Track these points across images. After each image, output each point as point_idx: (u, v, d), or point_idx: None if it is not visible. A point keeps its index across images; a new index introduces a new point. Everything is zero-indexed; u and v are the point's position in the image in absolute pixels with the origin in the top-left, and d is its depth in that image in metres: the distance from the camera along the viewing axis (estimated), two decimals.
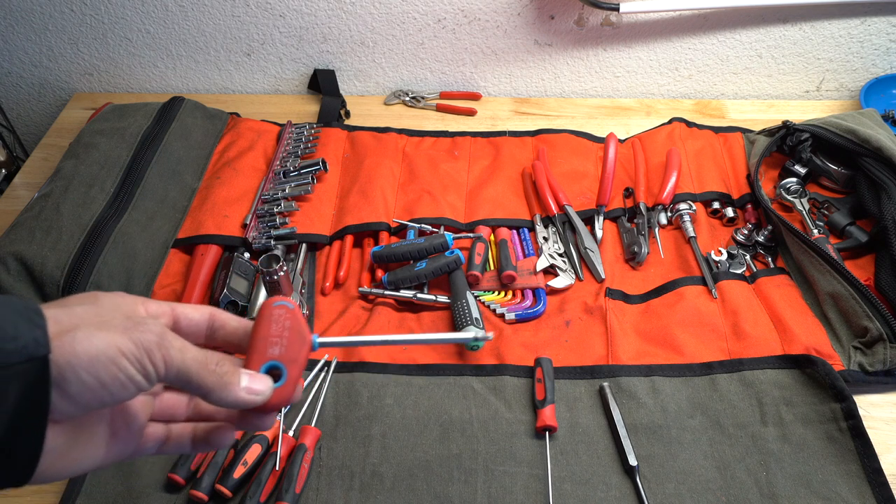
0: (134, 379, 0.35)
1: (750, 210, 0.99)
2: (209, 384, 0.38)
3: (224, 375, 0.39)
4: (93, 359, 0.34)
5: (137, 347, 0.35)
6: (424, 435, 0.75)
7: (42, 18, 1.19)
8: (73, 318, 0.35)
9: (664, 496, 0.70)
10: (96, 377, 0.34)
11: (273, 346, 0.43)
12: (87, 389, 0.34)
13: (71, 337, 0.34)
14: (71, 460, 0.38)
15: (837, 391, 0.75)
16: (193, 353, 0.38)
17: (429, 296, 0.88)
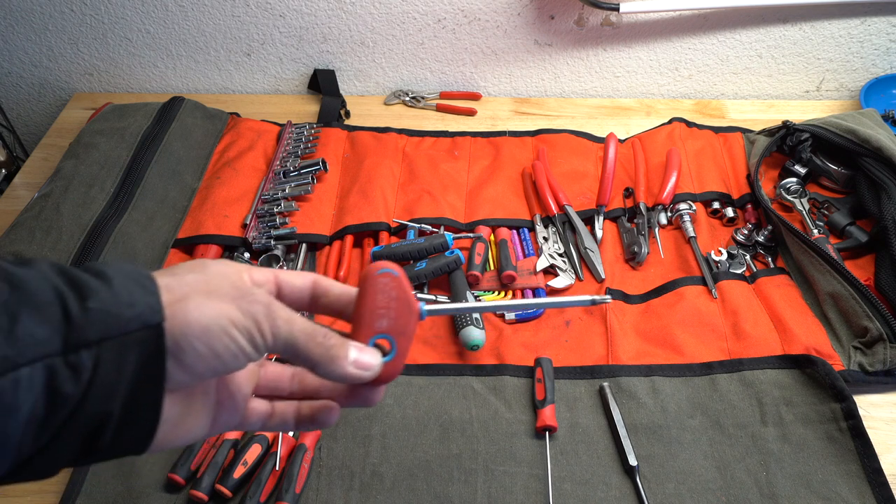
0: (244, 349, 0.35)
1: (750, 210, 0.99)
2: (316, 357, 0.38)
3: (331, 349, 0.38)
4: (205, 328, 0.34)
5: (246, 318, 0.35)
6: (424, 435, 0.75)
7: (42, 18, 1.19)
8: (183, 287, 0.35)
9: (664, 496, 0.70)
10: (209, 346, 0.34)
11: (380, 317, 0.41)
12: (200, 359, 0.34)
13: (183, 306, 0.34)
14: (183, 430, 0.38)
15: (837, 391, 0.75)
16: (301, 325, 0.38)
17: (429, 296, 0.88)
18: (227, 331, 0.35)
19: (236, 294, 0.36)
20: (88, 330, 0.31)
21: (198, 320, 0.34)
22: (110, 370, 0.32)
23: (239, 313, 0.35)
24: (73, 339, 0.31)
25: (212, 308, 0.35)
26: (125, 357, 0.32)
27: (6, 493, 0.72)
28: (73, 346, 0.31)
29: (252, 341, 0.36)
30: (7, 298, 0.29)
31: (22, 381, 0.29)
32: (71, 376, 0.31)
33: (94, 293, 0.32)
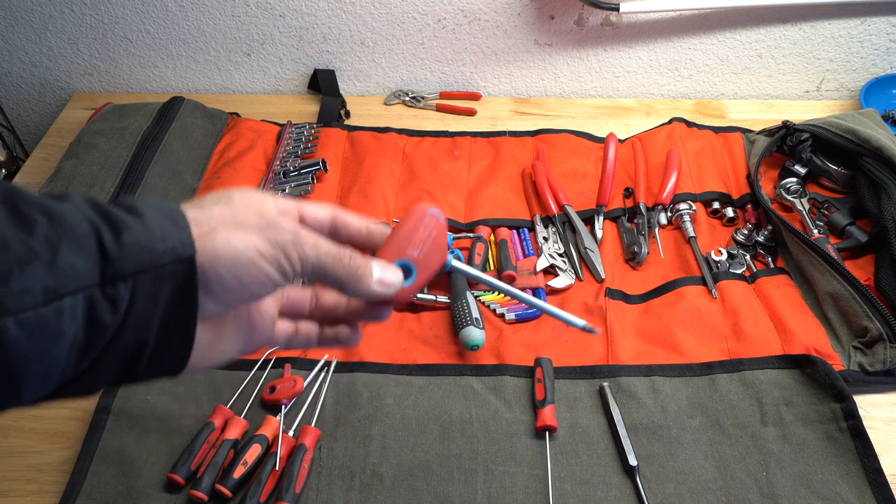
0: (272, 278, 0.37)
1: (750, 210, 0.99)
2: (344, 277, 0.40)
3: (357, 269, 0.40)
4: (234, 260, 0.35)
5: (274, 247, 0.37)
6: (424, 435, 0.75)
7: (42, 18, 1.19)
8: (211, 220, 0.36)
9: (664, 496, 0.70)
10: (238, 277, 0.36)
11: (413, 247, 0.44)
12: (229, 289, 0.36)
13: (212, 240, 0.35)
14: (217, 352, 0.40)
15: (837, 391, 0.75)
16: (327, 249, 0.39)
17: (429, 296, 0.88)
18: (255, 262, 0.36)
19: (263, 224, 0.37)
20: (124, 263, 0.32)
21: (227, 253, 0.35)
22: (146, 302, 0.33)
23: (267, 244, 0.36)
24: (109, 272, 0.32)
25: (240, 240, 0.36)
26: (159, 289, 0.33)
27: (6, 493, 0.72)
28: (110, 278, 0.32)
29: (281, 270, 0.37)
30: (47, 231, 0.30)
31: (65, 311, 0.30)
32: (109, 307, 0.32)
33: (128, 228, 0.33)
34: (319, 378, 0.80)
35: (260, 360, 0.82)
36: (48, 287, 0.30)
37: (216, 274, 0.35)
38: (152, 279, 0.33)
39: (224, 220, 0.36)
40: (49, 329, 0.30)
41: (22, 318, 0.29)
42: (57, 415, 0.79)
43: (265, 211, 0.38)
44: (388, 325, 0.86)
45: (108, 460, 0.72)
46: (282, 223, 0.38)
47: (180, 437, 0.74)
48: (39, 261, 0.30)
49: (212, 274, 0.35)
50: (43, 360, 0.30)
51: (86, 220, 0.32)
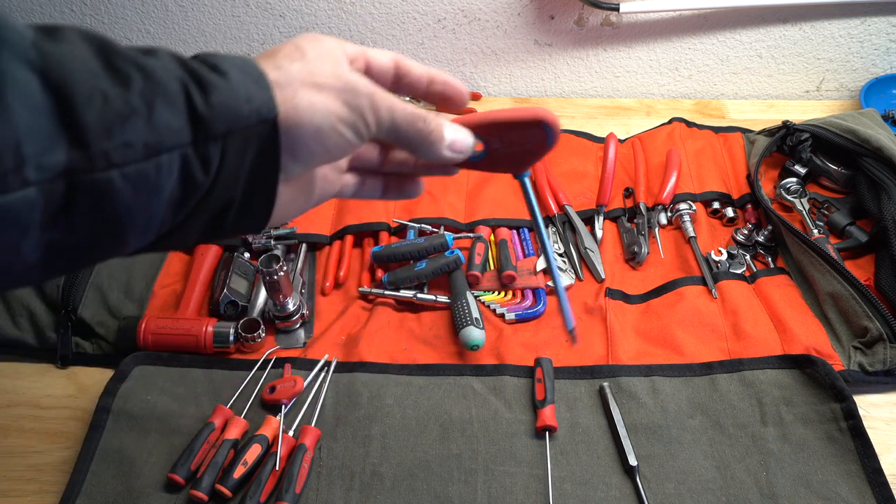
0: (351, 142, 0.38)
1: (750, 210, 0.99)
2: (416, 140, 0.41)
3: (431, 133, 0.41)
4: (317, 128, 0.37)
5: (352, 112, 0.38)
6: (424, 435, 0.75)
7: (42, 19, 1.19)
8: (292, 82, 0.36)
9: (664, 496, 0.70)
10: (321, 144, 0.37)
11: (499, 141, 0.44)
12: (313, 154, 0.38)
13: (293, 106, 0.36)
14: (295, 207, 0.43)
15: (837, 391, 0.75)
16: (402, 111, 0.40)
17: (429, 296, 0.88)
18: (335, 127, 0.37)
19: (340, 86, 0.37)
20: (214, 124, 0.33)
21: (310, 120, 0.36)
22: (234, 161, 0.35)
23: (346, 108, 0.37)
24: (201, 133, 0.33)
25: (321, 105, 0.37)
26: (246, 149, 0.35)
27: (6, 493, 0.72)
28: (202, 138, 0.33)
29: (357, 133, 0.38)
30: (142, 87, 0.31)
31: (163, 167, 0.32)
32: (201, 167, 0.34)
33: (216, 88, 0.34)
34: (319, 378, 0.80)
35: (260, 360, 0.82)
36: (147, 143, 0.31)
37: (301, 141, 0.37)
38: (240, 139, 0.34)
39: (303, 80, 0.37)
40: (149, 183, 0.32)
41: (126, 171, 0.30)
42: (57, 415, 0.79)
43: (340, 69, 0.38)
44: (388, 325, 0.86)
45: (108, 460, 0.72)
46: (359, 86, 0.38)
47: (180, 437, 0.74)
48: (138, 117, 0.31)
49: (296, 141, 0.36)
50: (144, 212, 0.32)
51: (175, 79, 0.33)
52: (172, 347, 0.82)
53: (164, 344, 0.82)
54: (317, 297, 0.91)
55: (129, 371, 0.79)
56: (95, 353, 0.84)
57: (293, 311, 0.84)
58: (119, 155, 0.30)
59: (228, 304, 0.86)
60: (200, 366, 0.81)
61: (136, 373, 0.80)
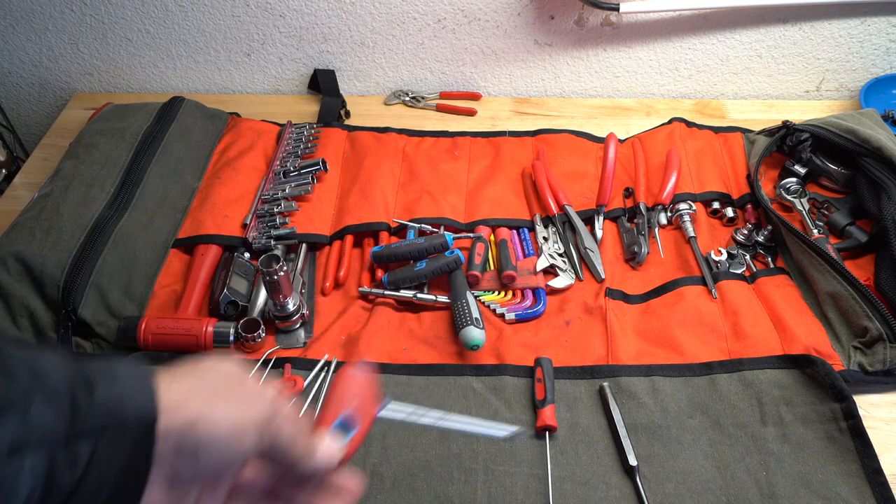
0: (248, 453, 0.38)
1: (750, 210, 0.99)
2: (297, 456, 0.41)
3: (307, 446, 0.41)
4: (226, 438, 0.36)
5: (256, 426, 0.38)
6: (424, 435, 0.75)
7: (42, 18, 1.19)
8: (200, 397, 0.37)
9: (664, 496, 0.70)
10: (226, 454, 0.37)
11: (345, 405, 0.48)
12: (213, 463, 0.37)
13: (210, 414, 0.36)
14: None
15: (837, 391, 0.75)
16: (291, 429, 0.40)
17: (429, 296, 0.88)
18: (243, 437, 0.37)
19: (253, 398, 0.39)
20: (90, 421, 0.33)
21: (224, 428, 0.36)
22: (103, 463, 0.33)
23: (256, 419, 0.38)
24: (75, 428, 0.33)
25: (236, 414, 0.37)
26: (118, 452, 0.34)
27: None
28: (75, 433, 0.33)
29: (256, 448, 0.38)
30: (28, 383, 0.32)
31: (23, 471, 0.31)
32: (67, 468, 0.32)
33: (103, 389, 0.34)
34: (319, 378, 0.80)
35: (260, 360, 0.82)
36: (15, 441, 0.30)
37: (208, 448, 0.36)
38: (113, 440, 0.34)
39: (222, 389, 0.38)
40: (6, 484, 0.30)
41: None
42: None
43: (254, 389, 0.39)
44: (388, 325, 0.86)
45: None
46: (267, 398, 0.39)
47: None
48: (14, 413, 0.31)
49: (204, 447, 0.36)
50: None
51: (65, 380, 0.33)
52: (172, 347, 0.82)
53: (164, 344, 0.82)
54: (317, 297, 0.91)
55: None
56: (96, 354, 0.84)
57: (293, 311, 0.84)
58: None
59: (228, 304, 0.86)
60: None
61: None
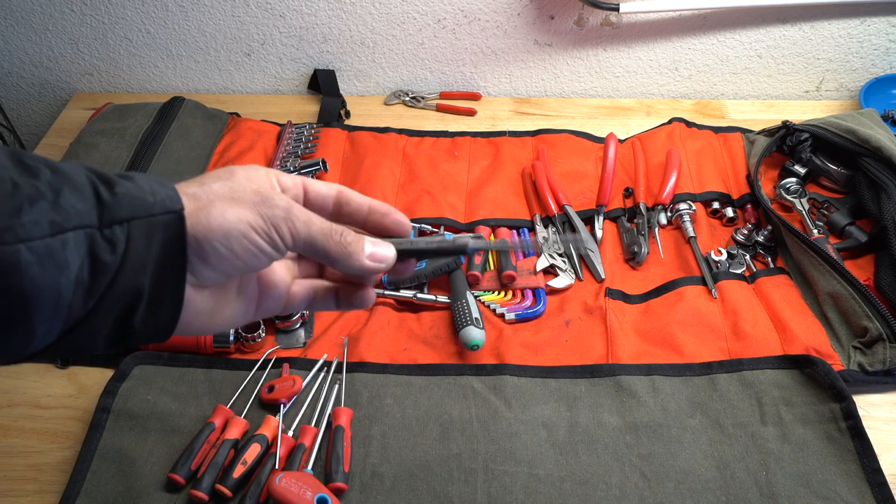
0: (264, 250, 0.39)
1: (750, 210, 0.99)
2: (334, 254, 0.41)
3: (348, 245, 0.42)
4: (226, 233, 0.37)
5: (265, 221, 0.39)
6: (424, 435, 0.75)
7: (42, 18, 1.19)
8: (209, 195, 0.38)
9: (664, 495, 0.70)
10: (230, 249, 0.38)
11: None
12: (223, 259, 0.38)
13: (206, 213, 0.37)
14: (222, 319, 0.42)
15: (837, 391, 0.75)
16: (318, 225, 0.41)
17: (429, 296, 0.88)
18: (246, 234, 0.38)
19: (258, 200, 0.39)
20: (118, 210, 0.35)
21: (220, 225, 0.37)
22: (140, 247, 0.36)
23: (258, 218, 0.38)
24: (106, 217, 0.35)
25: (233, 213, 0.38)
26: (152, 237, 0.36)
27: (6, 494, 0.72)
28: (107, 222, 0.35)
29: (272, 242, 0.39)
30: (50, 178, 0.34)
31: (69, 243, 0.33)
32: (108, 247, 0.35)
33: (120, 184, 0.36)
34: (319, 378, 0.80)
35: (260, 360, 0.82)
36: (53, 221, 0.33)
37: (209, 244, 0.37)
38: (145, 227, 0.36)
39: (222, 195, 0.39)
40: (56, 258, 0.33)
41: (32, 245, 0.32)
42: (57, 415, 0.79)
43: (263, 187, 0.40)
44: (388, 325, 0.86)
45: (108, 460, 0.72)
46: (276, 199, 0.39)
47: (180, 437, 0.74)
48: (45, 200, 0.33)
49: (205, 244, 0.37)
50: (52, 289, 0.33)
51: (84, 174, 0.35)
52: (172, 347, 0.82)
53: (164, 344, 0.82)
54: None
55: (130, 371, 0.80)
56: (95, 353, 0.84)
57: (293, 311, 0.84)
58: (25, 231, 0.32)
59: None
60: (200, 365, 0.81)
61: (136, 373, 0.80)
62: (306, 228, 0.40)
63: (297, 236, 0.40)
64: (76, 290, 0.34)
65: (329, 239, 0.41)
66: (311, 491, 0.66)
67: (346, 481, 0.70)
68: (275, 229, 0.39)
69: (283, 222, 0.39)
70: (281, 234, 0.39)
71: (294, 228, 0.40)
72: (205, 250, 0.37)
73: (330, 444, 0.73)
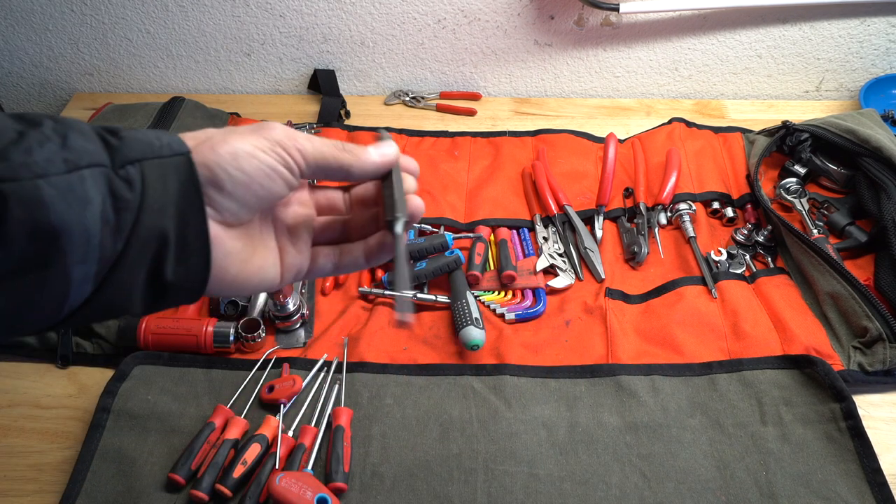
0: (276, 168, 0.40)
1: (750, 210, 0.99)
2: (347, 161, 0.43)
3: (355, 150, 0.44)
4: (233, 154, 0.38)
5: (270, 142, 0.40)
6: (424, 435, 0.75)
7: (42, 18, 1.19)
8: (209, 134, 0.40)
9: (664, 495, 0.70)
10: (241, 170, 0.38)
11: None
12: (238, 184, 0.39)
13: (210, 143, 0.38)
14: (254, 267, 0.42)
15: (837, 391, 0.75)
16: (322, 140, 0.42)
17: (429, 296, 0.88)
18: (253, 154, 0.39)
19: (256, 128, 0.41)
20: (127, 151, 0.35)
21: (226, 150, 0.38)
22: (157, 186, 0.36)
23: (262, 139, 0.40)
24: (118, 158, 0.35)
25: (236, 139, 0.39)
26: (166, 177, 0.36)
27: (6, 493, 0.72)
28: (119, 162, 0.35)
29: (283, 161, 0.40)
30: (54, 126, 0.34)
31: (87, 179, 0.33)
32: (125, 185, 0.35)
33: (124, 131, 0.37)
34: (319, 378, 0.80)
35: (260, 360, 0.82)
36: (67, 159, 0.33)
37: (222, 170, 0.38)
38: (157, 167, 0.36)
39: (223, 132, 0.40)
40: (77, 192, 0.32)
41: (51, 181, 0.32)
42: (57, 415, 0.79)
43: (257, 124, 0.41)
44: (388, 325, 0.86)
45: (108, 460, 0.73)
46: (274, 125, 0.41)
47: (180, 436, 0.74)
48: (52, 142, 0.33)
49: (218, 170, 0.38)
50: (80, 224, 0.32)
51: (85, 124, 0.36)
52: (172, 347, 0.82)
53: (163, 344, 0.82)
54: (317, 297, 0.91)
55: (130, 371, 0.80)
56: (96, 353, 0.84)
57: (293, 311, 0.84)
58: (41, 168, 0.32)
59: (228, 304, 0.86)
60: (200, 366, 0.81)
61: (136, 373, 0.80)
62: (311, 144, 0.41)
63: (305, 152, 0.41)
64: (103, 227, 0.34)
65: (335, 150, 0.42)
66: (311, 491, 0.66)
67: (346, 481, 0.70)
68: (281, 147, 0.40)
69: (288, 141, 0.40)
70: (289, 152, 0.40)
71: (300, 146, 0.41)
72: (218, 177, 0.38)
73: (330, 444, 0.73)
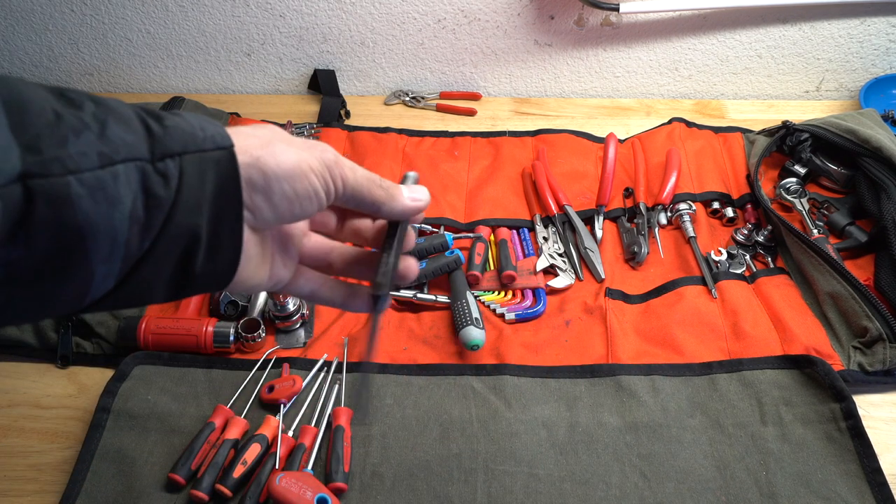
0: (318, 193, 0.39)
1: (750, 210, 0.99)
2: (381, 198, 0.43)
3: (389, 189, 0.43)
4: (291, 171, 0.38)
5: (321, 165, 0.39)
6: (424, 435, 0.75)
7: (42, 18, 1.19)
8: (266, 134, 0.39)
9: (664, 495, 0.70)
10: (293, 188, 0.38)
11: None
12: (285, 199, 0.38)
13: (271, 150, 0.37)
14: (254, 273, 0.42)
15: (837, 391, 0.75)
16: (363, 173, 0.42)
17: (429, 296, 0.88)
18: (307, 175, 0.38)
19: (311, 145, 0.40)
20: (169, 142, 0.34)
21: (286, 162, 0.37)
22: (194, 182, 0.34)
23: (316, 161, 0.39)
24: (157, 149, 0.34)
25: (294, 153, 0.38)
26: (205, 173, 0.35)
27: (6, 493, 0.72)
28: (158, 155, 0.34)
29: (326, 187, 0.40)
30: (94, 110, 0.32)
31: (120, 176, 0.32)
32: (161, 181, 0.33)
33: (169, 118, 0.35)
34: (319, 378, 0.80)
35: (260, 360, 0.82)
36: (102, 152, 0.31)
37: (277, 182, 0.37)
38: (197, 162, 0.35)
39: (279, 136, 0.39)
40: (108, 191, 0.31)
41: (82, 177, 0.30)
42: (57, 415, 0.79)
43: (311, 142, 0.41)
44: (388, 325, 0.86)
45: (108, 460, 0.73)
46: (325, 147, 0.40)
47: (180, 436, 0.74)
48: (90, 131, 0.31)
49: (273, 182, 0.37)
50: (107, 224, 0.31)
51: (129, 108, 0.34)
52: (172, 347, 0.82)
53: (163, 344, 0.82)
54: None
55: (130, 371, 0.80)
56: (96, 353, 0.84)
57: (293, 311, 0.84)
58: (73, 162, 0.30)
59: (228, 304, 0.86)
60: (200, 366, 0.81)
61: (136, 373, 0.80)
62: (353, 175, 0.41)
63: (346, 182, 0.41)
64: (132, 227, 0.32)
65: (372, 184, 0.42)
66: (311, 491, 0.66)
67: (346, 481, 0.70)
68: (329, 173, 0.39)
69: (335, 167, 0.40)
70: (334, 179, 0.40)
71: (344, 174, 0.40)
72: (272, 188, 0.37)
73: (330, 444, 0.73)
